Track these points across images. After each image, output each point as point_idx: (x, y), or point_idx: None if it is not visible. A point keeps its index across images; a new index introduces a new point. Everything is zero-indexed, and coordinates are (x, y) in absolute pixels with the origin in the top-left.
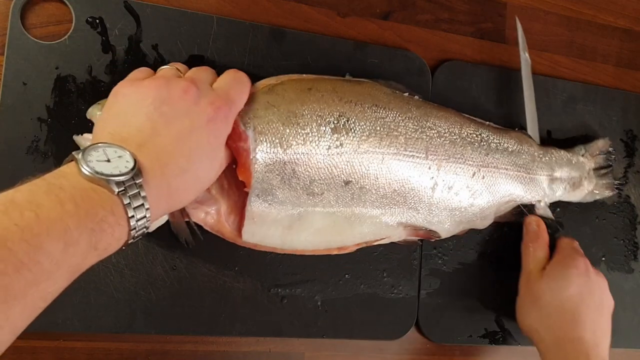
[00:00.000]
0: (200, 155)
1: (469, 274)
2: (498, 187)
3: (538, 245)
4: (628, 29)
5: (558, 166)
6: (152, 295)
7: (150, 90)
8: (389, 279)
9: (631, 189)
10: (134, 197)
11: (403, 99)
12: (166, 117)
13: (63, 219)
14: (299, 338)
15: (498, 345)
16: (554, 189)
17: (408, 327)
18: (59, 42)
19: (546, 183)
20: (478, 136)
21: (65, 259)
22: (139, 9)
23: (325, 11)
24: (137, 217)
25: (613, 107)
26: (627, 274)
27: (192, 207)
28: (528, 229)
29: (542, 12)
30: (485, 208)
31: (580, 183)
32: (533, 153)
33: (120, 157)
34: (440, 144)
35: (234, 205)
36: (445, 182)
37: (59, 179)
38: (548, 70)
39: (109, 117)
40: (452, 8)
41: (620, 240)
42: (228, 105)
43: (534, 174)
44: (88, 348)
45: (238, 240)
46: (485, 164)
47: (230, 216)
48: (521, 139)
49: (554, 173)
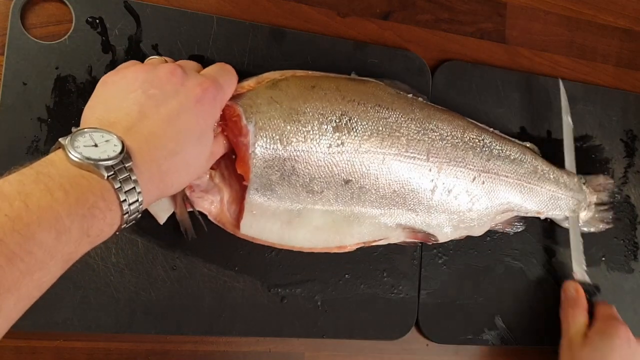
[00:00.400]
0: (189, 138)
1: (469, 274)
2: (497, 193)
3: (578, 311)
4: (628, 29)
5: (560, 184)
6: (152, 295)
7: (138, 74)
8: (389, 279)
9: (631, 189)
10: (125, 181)
11: (407, 100)
12: (154, 100)
13: (53, 207)
14: (299, 338)
15: (498, 345)
16: (550, 205)
17: (408, 327)
18: (59, 42)
19: (546, 196)
20: (480, 141)
21: (58, 247)
22: (139, 9)
23: (325, 11)
24: (130, 202)
25: (613, 107)
26: (627, 274)
27: (197, 196)
28: (567, 294)
29: (542, 12)
30: (483, 214)
31: (577, 210)
32: (536, 166)
33: (108, 141)
34: (441, 146)
35: (235, 195)
36: (445, 185)
37: (47, 167)
38: (548, 70)
39: (96, 104)
40: (452, 8)
41: (620, 240)
42: (216, 88)
43: (534, 185)
44: (88, 348)
45: (237, 231)
46: (485, 169)
47: (231, 206)
48: (525, 151)
49: (555, 190)
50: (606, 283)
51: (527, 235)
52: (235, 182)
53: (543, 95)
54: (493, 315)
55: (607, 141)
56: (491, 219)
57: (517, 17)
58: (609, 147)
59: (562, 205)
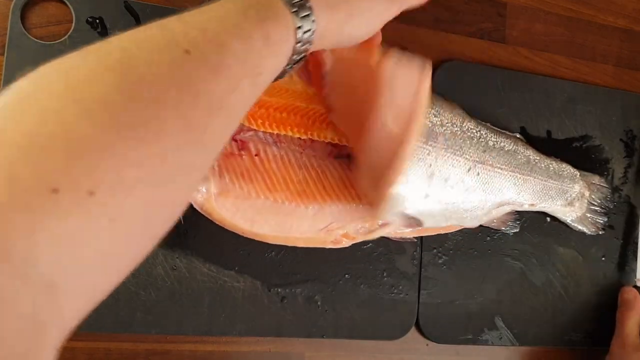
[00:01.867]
0: None
1: (469, 274)
2: (492, 185)
3: (633, 313)
4: (628, 29)
5: (550, 173)
6: (152, 295)
7: None
8: (389, 279)
9: (631, 189)
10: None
11: None
12: None
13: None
14: (299, 338)
15: (498, 345)
16: (543, 195)
17: (408, 327)
18: (59, 42)
19: (538, 186)
20: (477, 132)
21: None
22: (139, 9)
23: None
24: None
25: (613, 107)
26: (627, 274)
27: None
28: (624, 297)
29: (542, 12)
30: (477, 206)
31: (572, 202)
32: (528, 156)
33: None
34: (441, 132)
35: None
36: (441, 173)
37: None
38: (548, 70)
39: None
40: (452, 8)
41: (620, 240)
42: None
43: (527, 176)
44: (88, 348)
45: (225, 223)
46: (481, 160)
47: (219, 198)
48: (517, 142)
49: (546, 179)
50: (606, 283)
51: (527, 235)
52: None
53: (543, 95)
54: (493, 315)
55: (607, 141)
56: (485, 212)
57: (517, 17)
58: (609, 147)
59: (553, 194)
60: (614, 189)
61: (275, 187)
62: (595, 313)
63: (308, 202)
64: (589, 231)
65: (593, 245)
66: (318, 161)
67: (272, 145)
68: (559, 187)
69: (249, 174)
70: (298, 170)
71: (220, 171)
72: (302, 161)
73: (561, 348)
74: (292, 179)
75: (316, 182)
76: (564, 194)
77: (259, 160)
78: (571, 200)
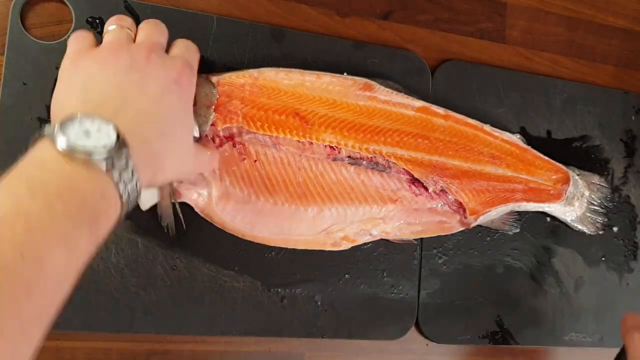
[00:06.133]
0: (174, 119)
1: (469, 274)
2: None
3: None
4: (628, 29)
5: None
6: (152, 295)
7: (111, 59)
8: (389, 279)
9: (631, 189)
10: (123, 170)
11: None
12: (136, 83)
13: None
14: (299, 338)
15: (498, 345)
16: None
17: (408, 327)
18: (59, 42)
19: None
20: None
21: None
22: (139, 9)
23: (325, 11)
24: (129, 191)
25: (613, 107)
26: (627, 274)
27: (185, 188)
28: (629, 323)
29: (542, 12)
30: None
31: (572, 202)
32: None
33: (100, 128)
34: None
35: (224, 191)
36: None
37: (37, 170)
38: (548, 70)
39: (71, 89)
40: (452, 8)
41: (620, 240)
42: (190, 69)
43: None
44: (88, 348)
45: (226, 226)
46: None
47: (220, 201)
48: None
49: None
50: (606, 283)
51: (527, 235)
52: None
53: (543, 95)
54: (493, 315)
55: (607, 141)
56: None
57: (517, 17)
58: (609, 147)
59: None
60: (614, 188)
61: (274, 189)
62: (595, 313)
63: (307, 204)
64: (588, 231)
65: (593, 245)
66: (317, 163)
67: (272, 147)
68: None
69: (249, 176)
70: (297, 172)
71: (221, 175)
72: (301, 163)
73: (561, 348)
74: (291, 181)
75: (315, 185)
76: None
77: (258, 163)
78: (572, 199)
